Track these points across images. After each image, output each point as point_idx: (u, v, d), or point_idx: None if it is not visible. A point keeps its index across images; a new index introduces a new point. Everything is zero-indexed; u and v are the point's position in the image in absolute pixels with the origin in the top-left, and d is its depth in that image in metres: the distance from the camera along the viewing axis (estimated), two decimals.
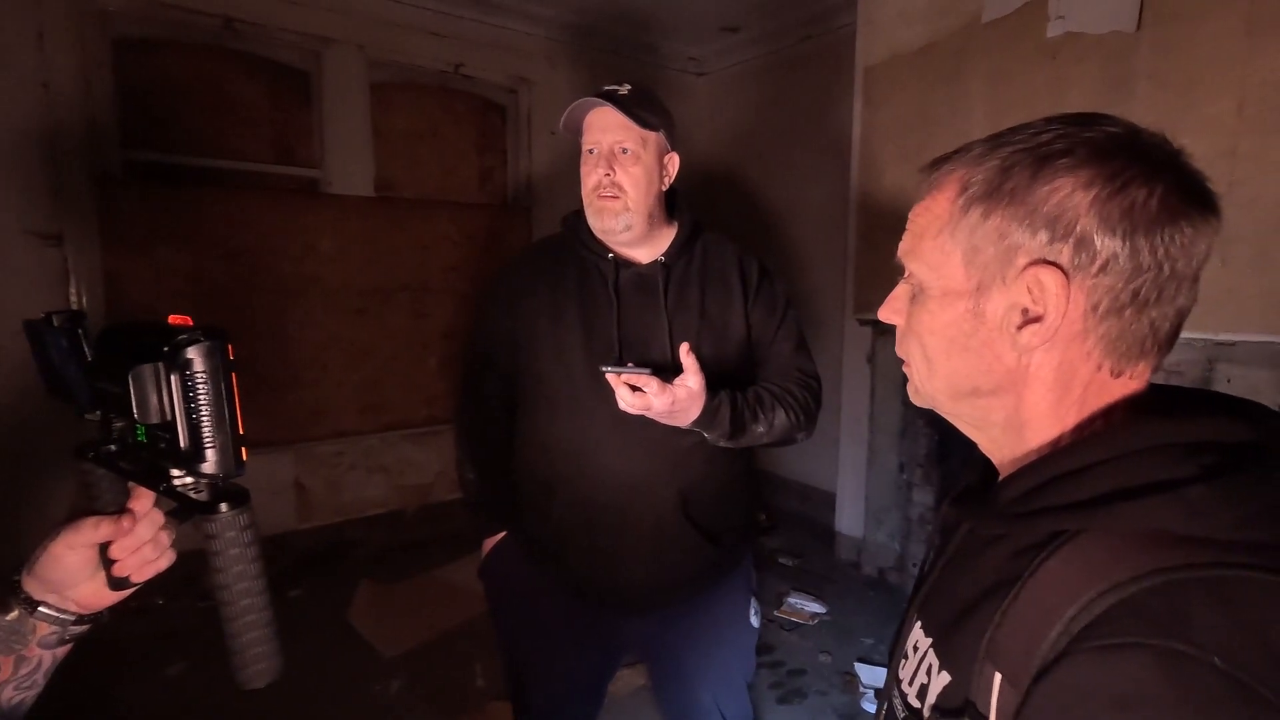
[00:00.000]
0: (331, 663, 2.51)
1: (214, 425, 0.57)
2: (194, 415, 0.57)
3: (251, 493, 0.62)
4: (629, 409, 1.07)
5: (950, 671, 0.51)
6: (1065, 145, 0.47)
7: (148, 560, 0.62)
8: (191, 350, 0.56)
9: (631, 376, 1.06)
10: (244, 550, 0.60)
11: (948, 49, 2.72)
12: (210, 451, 0.57)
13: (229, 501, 0.60)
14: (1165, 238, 0.45)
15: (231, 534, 0.59)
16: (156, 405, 0.57)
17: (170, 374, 0.56)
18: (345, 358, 3.42)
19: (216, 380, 0.57)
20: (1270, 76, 1.91)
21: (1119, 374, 0.49)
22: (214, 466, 0.57)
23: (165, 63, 2.98)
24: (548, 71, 3.87)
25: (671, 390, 1.07)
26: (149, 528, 0.62)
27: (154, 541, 0.62)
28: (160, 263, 2.92)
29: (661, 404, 1.06)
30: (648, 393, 1.06)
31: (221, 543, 0.59)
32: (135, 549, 0.61)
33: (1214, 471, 0.42)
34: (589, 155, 1.23)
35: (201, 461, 0.57)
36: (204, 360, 0.56)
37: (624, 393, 1.06)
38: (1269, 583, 0.39)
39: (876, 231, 3.06)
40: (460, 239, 3.70)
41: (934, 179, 0.54)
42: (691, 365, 1.09)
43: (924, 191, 0.55)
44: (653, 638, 1.38)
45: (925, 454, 3.02)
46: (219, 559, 0.59)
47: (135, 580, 0.63)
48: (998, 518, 0.51)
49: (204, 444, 0.57)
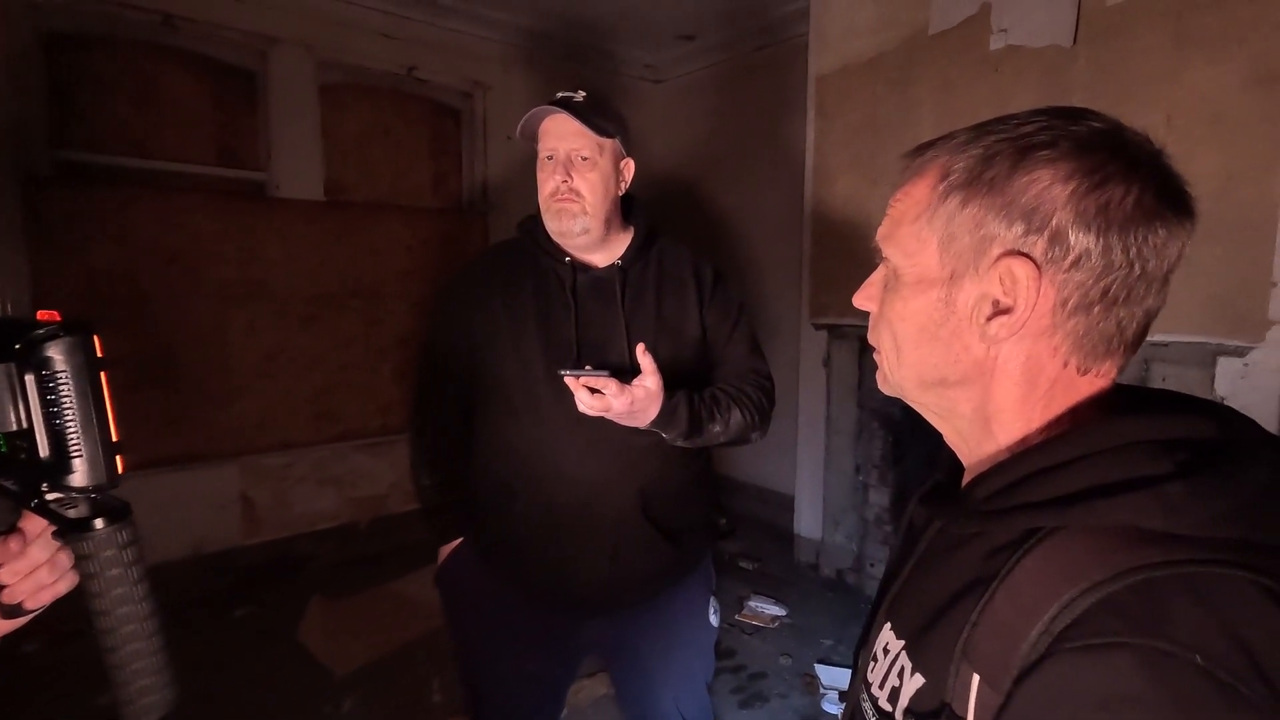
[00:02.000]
0: (281, 683, 2.41)
1: (80, 431, 0.51)
2: (55, 421, 0.51)
3: (195, 507, 0.57)
4: (588, 411, 1.08)
5: (924, 674, 0.50)
6: (1048, 137, 0.46)
7: (43, 585, 0.56)
8: (50, 347, 0.50)
9: (590, 379, 1.07)
10: (125, 571, 0.54)
11: (896, 60, 2.79)
12: (77, 461, 0.51)
13: (105, 517, 0.53)
14: (1138, 237, 0.45)
15: (109, 553, 0.53)
16: (11, 411, 0.50)
17: (24, 375, 0.50)
18: (294, 366, 3.30)
19: (81, 380, 0.51)
20: (1195, 90, 2.02)
21: (1085, 371, 0.49)
22: (83, 478, 0.52)
23: (99, 60, 2.85)
24: (503, 76, 3.83)
25: (630, 391, 1.08)
26: (43, 549, 0.55)
27: (50, 564, 0.55)
28: (93, 267, 2.78)
29: (620, 405, 1.07)
30: (606, 394, 1.06)
31: (97, 564, 0.53)
32: (28, 572, 0.55)
33: (1189, 469, 0.42)
34: (546, 161, 1.23)
35: (68, 473, 0.51)
36: (65, 358, 0.51)
37: (583, 395, 1.07)
38: (1243, 580, 0.39)
39: (830, 237, 3.11)
40: (414, 244, 3.63)
41: (916, 165, 0.53)
42: (649, 366, 1.10)
43: (905, 177, 0.54)
44: (613, 639, 1.37)
45: (880, 455, 3.07)
46: (95, 582, 0.53)
47: (30, 607, 0.56)
48: (971, 516, 0.50)
49: (69, 453, 0.51)
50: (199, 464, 3.05)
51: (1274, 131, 1.88)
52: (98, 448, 0.52)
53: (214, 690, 2.34)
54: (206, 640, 2.67)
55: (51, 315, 0.52)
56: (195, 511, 3.02)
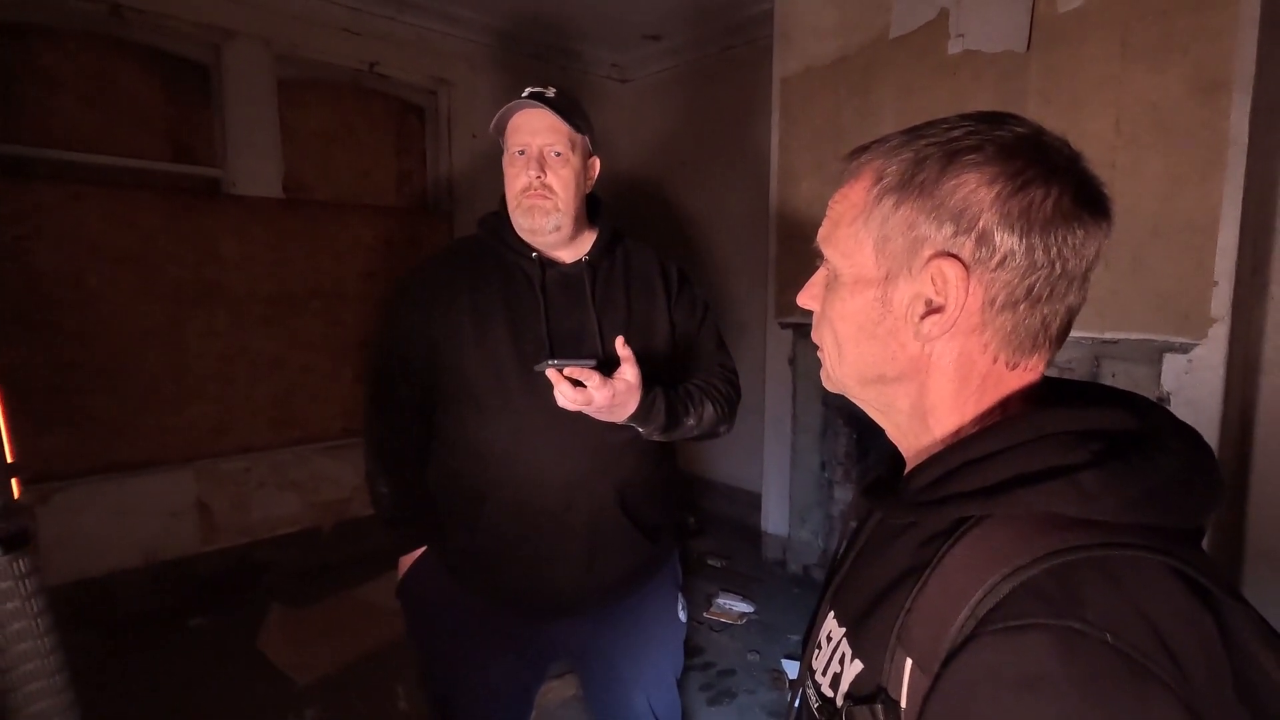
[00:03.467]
0: (240, 694, 2.35)
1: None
2: None
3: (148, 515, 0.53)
4: (569, 405, 1.07)
5: (862, 659, 0.52)
6: (975, 142, 0.49)
7: None
8: None
9: (574, 370, 1.06)
10: (23, 604, 0.50)
11: (858, 63, 2.84)
12: None
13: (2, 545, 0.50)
14: (1058, 238, 0.47)
15: (5, 585, 0.49)
16: None
17: None
18: (252, 369, 3.22)
19: None
20: (1142, 96, 2.09)
21: (1014, 366, 0.51)
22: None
23: (40, 50, 2.73)
24: (468, 73, 3.78)
25: (611, 383, 1.07)
26: None
27: None
28: (37, 267, 2.66)
29: (602, 397, 1.06)
30: (589, 386, 1.05)
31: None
32: None
33: (1103, 458, 0.44)
34: (516, 157, 1.21)
35: None
36: None
37: (565, 388, 1.05)
38: (1153, 562, 0.41)
39: (795, 238, 3.15)
40: (376, 244, 3.56)
41: (852, 168, 0.55)
42: (628, 357, 1.10)
43: (844, 180, 0.56)
44: (584, 641, 1.36)
45: (845, 452, 3.12)
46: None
47: None
48: (907, 506, 0.52)
49: None
50: (152, 470, 2.94)
51: (1214, 137, 1.96)
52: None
53: (170, 704, 2.27)
54: (162, 652, 2.58)
55: None
56: (149, 519, 2.92)
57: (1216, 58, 1.95)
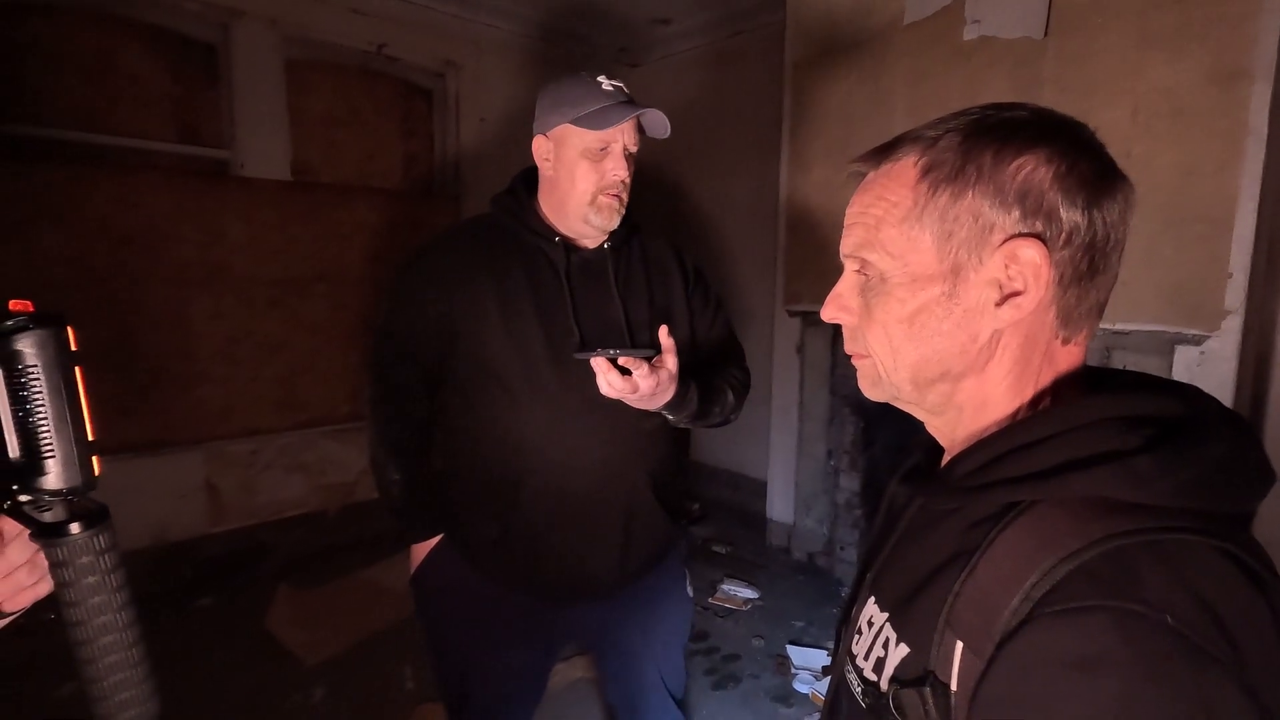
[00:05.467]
0: (248, 674, 2.37)
1: (53, 431, 0.48)
2: (27, 420, 0.48)
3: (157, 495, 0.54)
4: (613, 393, 1.07)
5: (908, 643, 0.52)
6: (1011, 127, 0.49)
7: (22, 586, 0.54)
8: (20, 340, 0.47)
9: (627, 360, 1.07)
10: (103, 579, 0.50)
11: (871, 49, 2.81)
12: (50, 463, 0.48)
13: (82, 521, 0.50)
14: (1109, 207, 0.48)
15: (86, 560, 0.50)
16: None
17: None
18: (258, 352, 3.22)
19: (54, 376, 0.48)
20: (1159, 85, 2.07)
21: (1068, 341, 0.52)
22: (57, 480, 0.49)
23: (45, 29, 2.70)
24: (476, 56, 3.75)
25: (658, 372, 1.08)
26: (21, 550, 0.53)
27: (29, 565, 0.53)
28: (41, 249, 2.66)
29: (647, 386, 1.07)
30: (636, 375, 1.06)
31: (73, 571, 0.50)
32: (6, 574, 0.53)
33: (1156, 444, 0.44)
34: (599, 152, 1.19)
35: (40, 475, 0.48)
36: (37, 351, 0.48)
37: (613, 377, 1.06)
38: (1205, 546, 0.42)
39: (805, 226, 3.13)
40: (382, 227, 3.55)
41: (884, 169, 0.54)
42: (670, 346, 1.12)
43: (872, 183, 0.55)
44: (603, 621, 1.37)
45: (851, 441, 3.12)
46: (71, 590, 0.50)
47: (8, 609, 0.54)
48: (953, 492, 0.52)
49: (41, 454, 0.48)
50: (161, 451, 2.95)
51: (1232, 127, 1.95)
52: (72, 447, 0.49)
53: (180, 682, 2.29)
54: (170, 631, 2.60)
55: (24, 305, 0.49)
56: (158, 499, 2.93)
57: (1236, 46, 1.93)
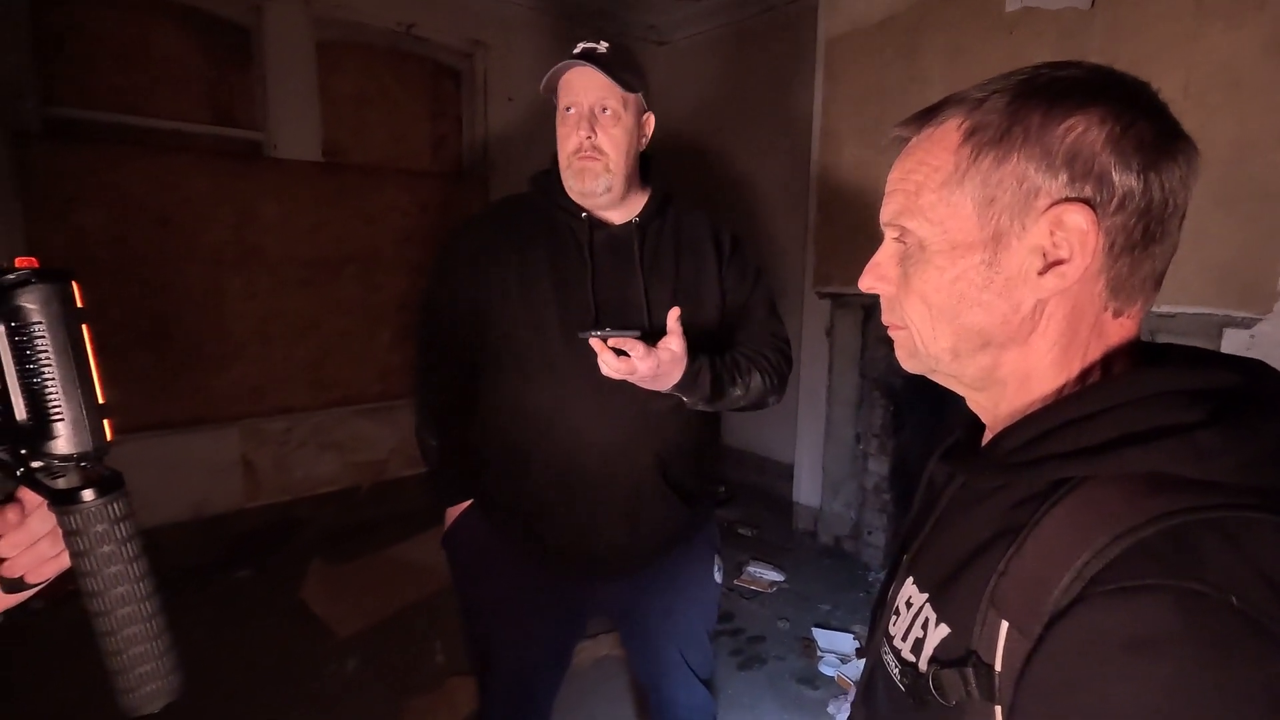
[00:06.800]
0: (284, 643, 2.43)
1: (61, 392, 0.46)
2: (33, 380, 0.45)
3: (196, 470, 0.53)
4: (612, 374, 1.06)
5: (949, 624, 0.51)
6: (1065, 85, 0.46)
7: (45, 557, 0.52)
8: (23, 295, 0.44)
9: (618, 340, 1.05)
10: (119, 548, 0.49)
11: (906, 22, 2.73)
12: (59, 425, 0.46)
13: (96, 488, 0.48)
14: (1168, 171, 0.45)
15: (101, 528, 0.48)
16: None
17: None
18: (291, 331, 3.27)
19: (59, 333, 0.46)
20: (1214, 56, 1.98)
21: (1119, 314, 0.49)
22: (67, 444, 0.47)
23: (87, 13, 2.75)
24: (504, 36, 3.72)
25: (655, 353, 1.06)
26: (43, 520, 0.51)
27: (52, 536, 0.52)
28: (83, 226, 2.72)
29: (646, 368, 1.05)
30: (633, 356, 1.04)
31: (88, 540, 0.48)
32: (28, 544, 0.51)
33: (1218, 417, 0.42)
34: (567, 115, 1.17)
35: (49, 438, 0.46)
36: (40, 308, 0.45)
37: (608, 357, 1.04)
38: (1268, 523, 0.39)
39: (836, 205, 3.07)
40: (411, 208, 3.57)
41: (925, 133, 0.52)
42: (675, 328, 1.08)
43: (915, 148, 0.53)
44: (621, 601, 1.38)
45: (881, 425, 3.08)
46: (86, 560, 0.48)
47: (31, 580, 0.53)
48: (998, 469, 0.51)
49: (49, 416, 0.46)
50: (199, 427, 3.03)
51: None
52: (81, 410, 0.47)
53: (220, 649, 2.36)
54: (210, 601, 2.69)
55: (30, 262, 0.46)
56: (196, 474, 3.02)
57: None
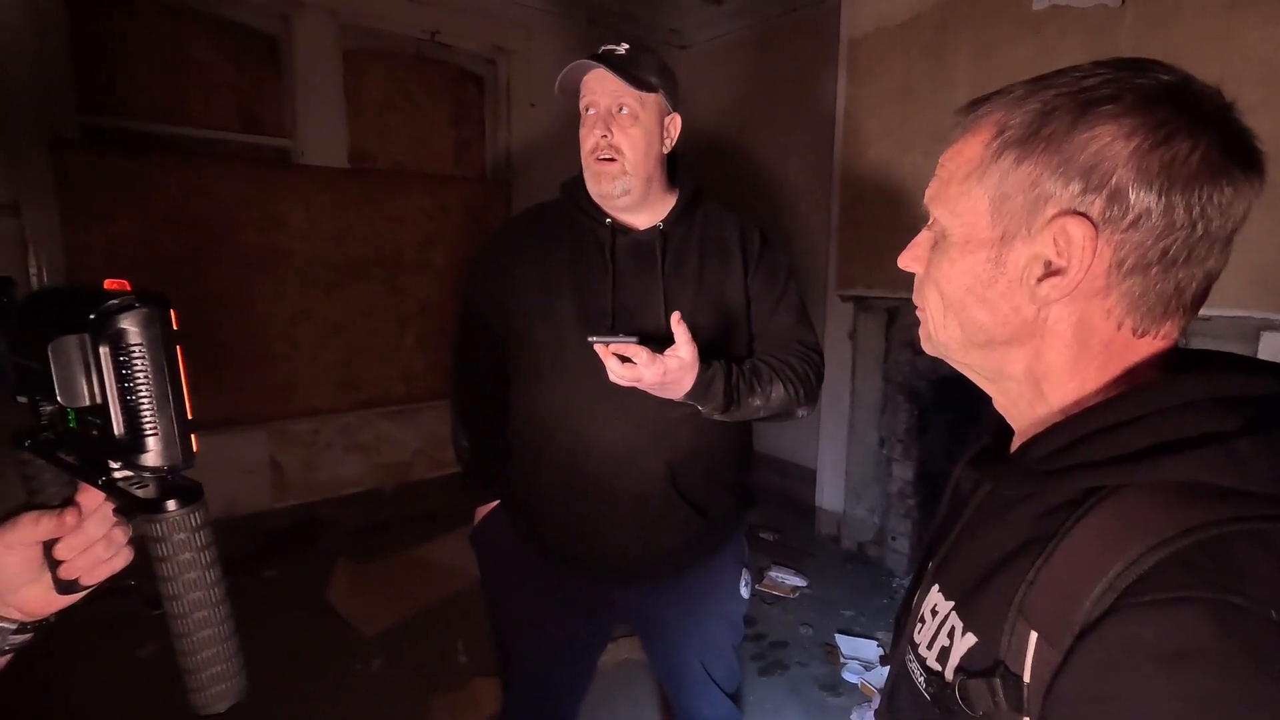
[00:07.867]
0: (310, 642, 2.47)
1: (155, 409, 0.48)
2: (130, 397, 0.48)
3: (227, 471, 0.55)
4: (619, 380, 1.04)
5: (976, 633, 0.50)
6: (1112, 91, 0.45)
7: (100, 560, 0.55)
8: (125, 318, 0.47)
9: (619, 346, 1.03)
10: (197, 555, 0.52)
11: (932, 21, 2.70)
12: (152, 440, 0.49)
13: (178, 498, 0.51)
14: (1203, 196, 0.43)
15: (181, 536, 0.51)
16: (84, 385, 0.47)
17: (99, 347, 0.47)
18: (317, 334, 3.33)
19: (157, 354, 0.48)
20: (1251, 52, 1.93)
21: (1143, 334, 0.48)
22: (157, 458, 0.49)
23: (122, 22, 2.83)
24: (527, 42, 3.76)
25: (662, 361, 1.03)
26: (99, 524, 0.54)
27: (106, 539, 0.54)
28: (118, 231, 2.80)
29: (652, 375, 1.03)
30: (637, 363, 1.02)
31: (169, 547, 0.51)
32: (84, 547, 0.54)
33: (1256, 426, 0.41)
34: (587, 115, 1.19)
35: (142, 452, 0.49)
36: (141, 330, 0.48)
37: (613, 364, 1.03)
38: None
39: (860, 207, 3.05)
40: (435, 213, 3.61)
41: (969, 122, 0.52)
42: (683, 335, 1.05)
43: (957, 135, 0.53)
44: (642, 607, 1.38)
45: (905, 429, 3.05)
46: (167, 565, 0.51)
47: (86, 582, 0.55)
48: (1027, 476, 0.50)
49: (144, 431, 0.48)
50: (230, 429, 3.09)
51: None
52: (173, 426, 0.49)
53: (247, 648, 2.40)
54: (237, 599, 2.73)
55: (121, 284, 0.49)
56: (227, 475, 3.08)
57: None
